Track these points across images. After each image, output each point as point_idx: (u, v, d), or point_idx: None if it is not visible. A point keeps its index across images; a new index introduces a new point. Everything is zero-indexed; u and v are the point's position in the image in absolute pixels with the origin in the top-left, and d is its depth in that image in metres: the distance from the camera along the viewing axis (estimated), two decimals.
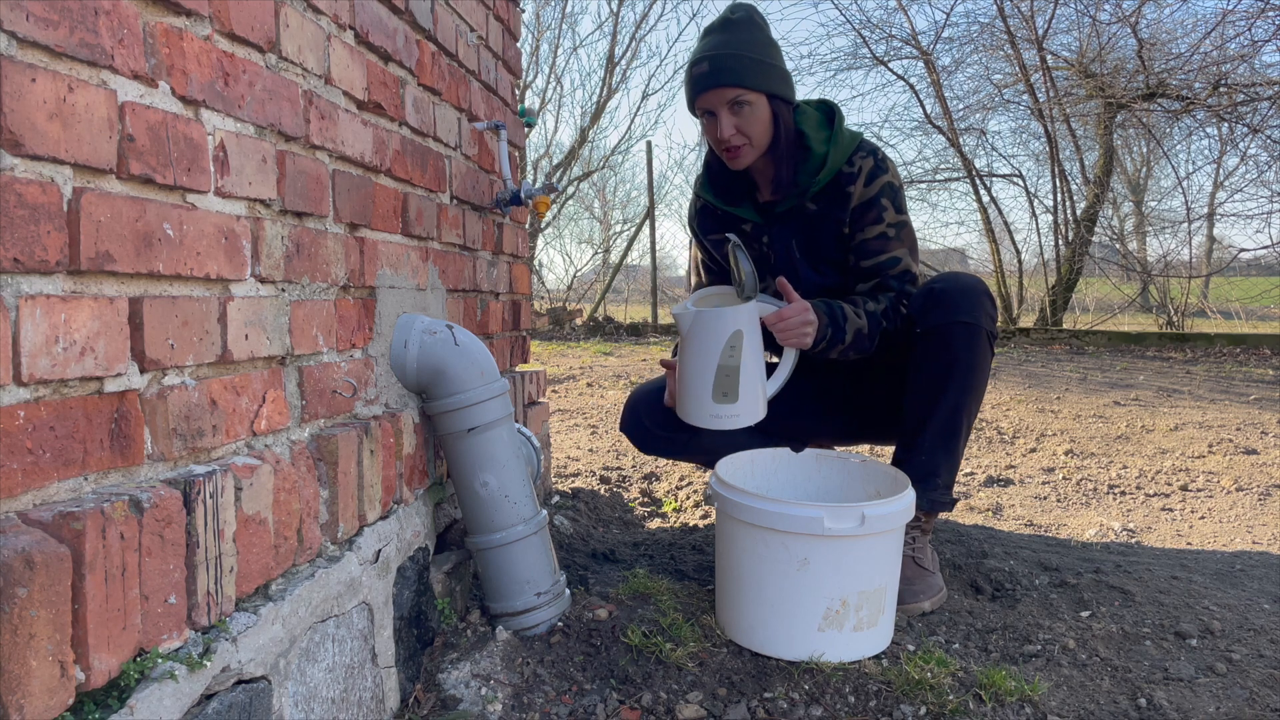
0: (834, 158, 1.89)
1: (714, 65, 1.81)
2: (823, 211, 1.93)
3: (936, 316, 1.79)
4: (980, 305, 1.79)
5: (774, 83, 1.84)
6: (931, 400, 1.80)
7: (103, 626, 0.77)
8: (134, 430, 0.86)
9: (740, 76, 1.80)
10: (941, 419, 1.79)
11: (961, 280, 1.84)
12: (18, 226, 0.72)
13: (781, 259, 1.99)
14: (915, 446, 1.82)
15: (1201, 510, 2.78)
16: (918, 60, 10.40)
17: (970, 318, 1.77)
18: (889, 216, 1.91)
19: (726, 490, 1.56)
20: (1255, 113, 8.51)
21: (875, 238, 1.91)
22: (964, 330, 1.77)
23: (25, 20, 0.73)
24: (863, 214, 1.91)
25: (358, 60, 1.34)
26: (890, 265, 1.92)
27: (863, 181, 1.89)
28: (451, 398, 1.49)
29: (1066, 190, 10.04)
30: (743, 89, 1.81)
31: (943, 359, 1.78)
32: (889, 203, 1.90)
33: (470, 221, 1.90)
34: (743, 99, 1.81)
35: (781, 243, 1.99)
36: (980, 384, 1.81)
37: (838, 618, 1.48)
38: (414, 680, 1.41)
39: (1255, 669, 1.51)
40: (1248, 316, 12.38)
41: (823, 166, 1.89)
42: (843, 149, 1.90)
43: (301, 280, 1.17)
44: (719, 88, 1.81)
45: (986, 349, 1.80)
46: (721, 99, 1.82)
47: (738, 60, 1.80)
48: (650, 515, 2.62)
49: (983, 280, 1.88)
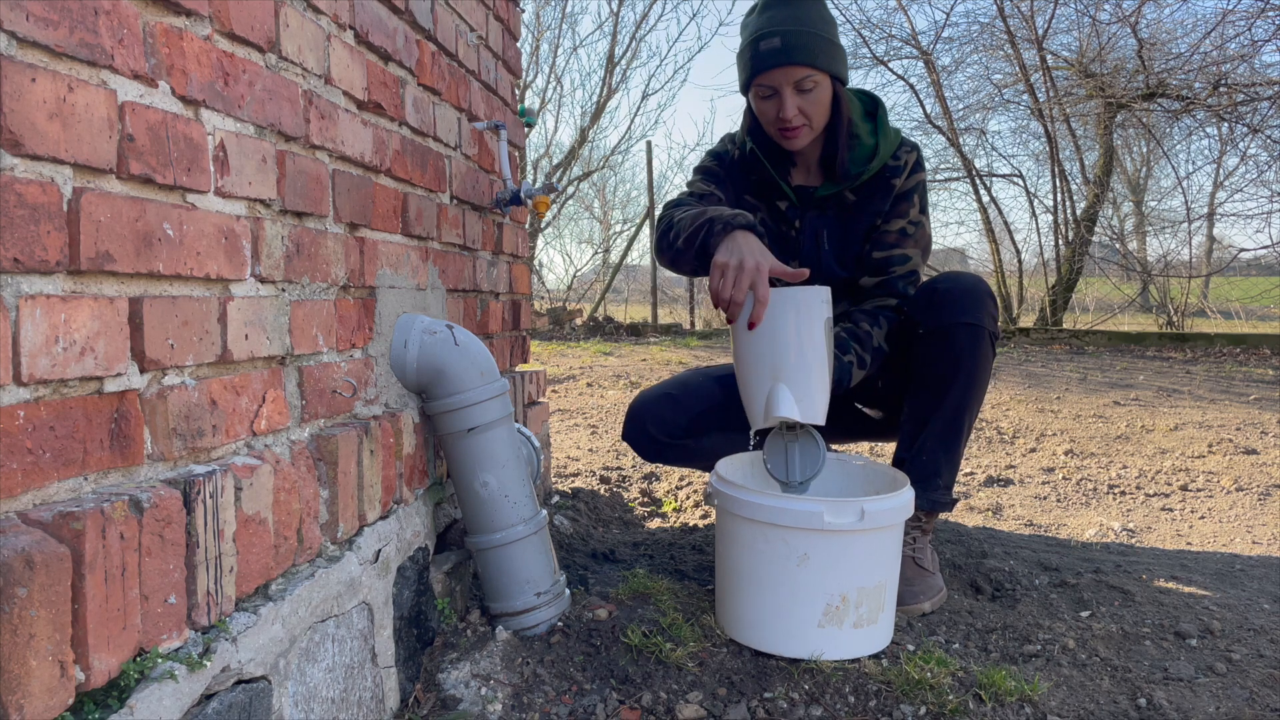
0: (884, 149, 1.87)
1: (786, 42, 1.73)
2: (861, 203, 1.90)
3: (940, 317, 1.78)
4: (983, 306, 1.79)
5: (838, 64, 1.80)
6: (934, 401, 1.79)
7: (103, 626, 0.77)
8: (134, 430, 0.86)
9: (814, 56, 1.74)
10: (943, 420, 1.79)
11: (964, 280, 1.83)
12: (18, 226, 0.72)
13: (809, 248, 1.95)
14: (916, 447, 1.81)
15: (1201, 510, 2.78)
16: (918, 60, 10.41)
17: (974, 319, 1.76)
18: (912, 213, 1.91)
19: (726, 487, 1.56)
20: (1255, 113, 8.51)
21: (895, 231, 1.90)
22: (968, 331, 1.76)
23: (25, 20, 0.73)
24: (895, 206, 1.90)
25: (358, 60, 1.34)
26: (899, 262, 1.90)
27: (906, 174, 1.89)
28: (451, 398, 1.49)
29: (1066, 190, 10.04)
30: (814, 69, 1.75)
31: (946, 360, 1.77)
32: (917, 199, 1.91)
33: (470, 221, 1.90)
34: (811, 79, 1.76)
35: (812, 230, 1.94)
36: (982, 385, 1.81)
37: (838, 614, 1.48)
38: (414, 680, 1.41)
39: (1255, 669, 1.51)
40: (1248, 316, 12.38)
41: (873, 156, 1.87)
42: (891, 141, 1.89)
43: (301, 280, 1.17)
44: (790, 65, 1.74)
45: (989, 350, 1.79)
46: (790, 77, 1.76)
47: (812, 39, 1.74)
48: (650, 515, 2.62)
49: (984, 280, 1.87)
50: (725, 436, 2.03)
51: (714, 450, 2.02)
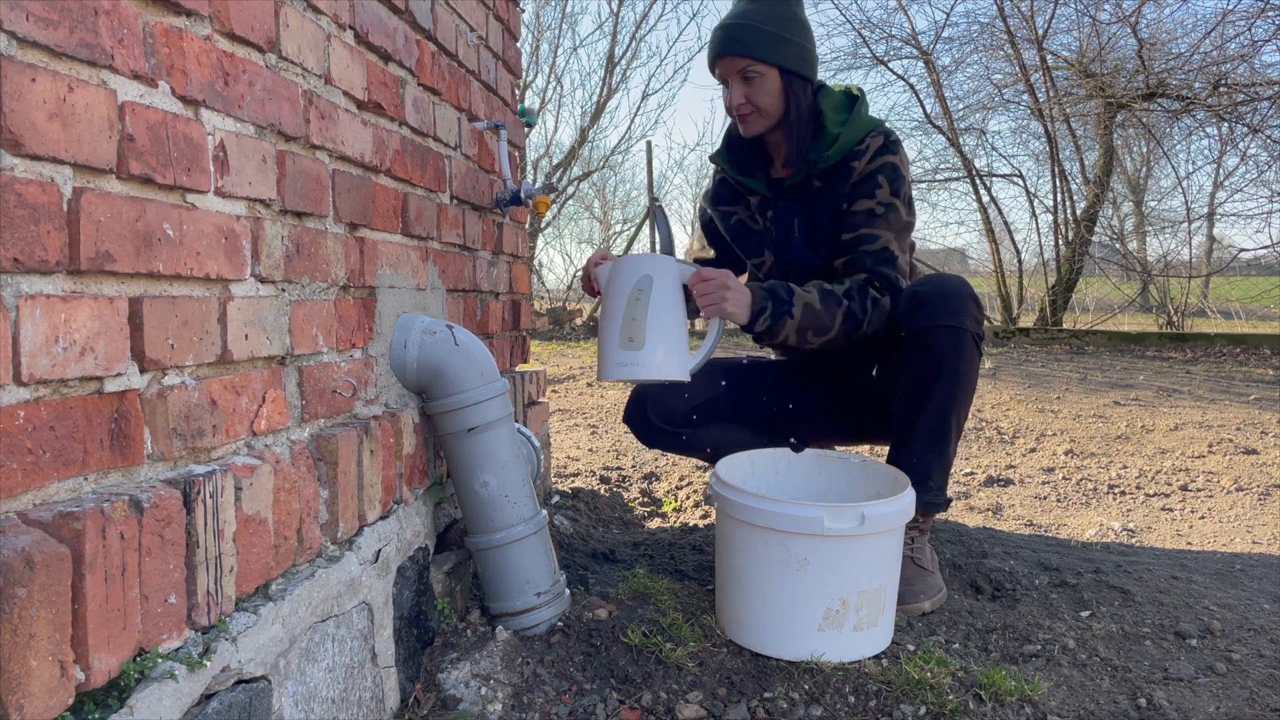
0: (845, 136, 1.89)
1: (727, 34, 1.87)
2: (826, 189, 1.93)
3: (920, 320, 1.78)
4: (964, 308, 1.78)
5: (787, 58, 1.86)
6: (919, 405, 1.79)
7: (103, 626, 0.77)
8: (134, 430, 0.86)
9: (749, 47, 1.85)
10: (930, 423, 1.79)
11: (945, 283, 1.82)
12: (18, 226, 0.72)
13: (781, 236, 2.00)
14: (906, 450, 1.82)
15: (1201, 510, 2.78)
16: (918, 60, 10.40)
17: (954, 321, 1.76)
18: (881, 195, 1.89)
19: (726, 490, 1.56)
20: (1255, 113, 8.51)
21: (863, 212, 1.89)
22: (948, 334, 1.76)
23: (25, 20, 0.73)
24: (858, 188, 1.90)
25: (358, 60, 1.34)
26: (868, 241, 1.88)
27: (867, 159, 1.89)
28: (451, 398, 1.49)
29: (1066, 190, 10.04)
30: (752, 60, 1.85)
31: (928, 363, 1.77)
32: (885, 181, 1.89)
33: (470, 221, 1.90)
34: (753, 70, 1.86)
35: (784, 220, 2.00)
36: (967, 387, 1.80)
37: (838, 618, 1.48)
38: (414, 680, 1.41)
39: (1255, 669, 1.51)
40: (1248, 316, 12.38)
41: (834, 144, 1.90)
42: (856, 129, 1.90)
43: (301, 280, 1.17)
44: (729, 56, 1.87)
45: (972, 352, 1.78)
46: (733, 67, 1.88)
47: (750, 32, 1.85)
48: (650, 515, 2.62)
49: (967, 282, 1.85)
50: (726, 429, 2.06)
51: (714, 442, 2.04)
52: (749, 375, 2.13)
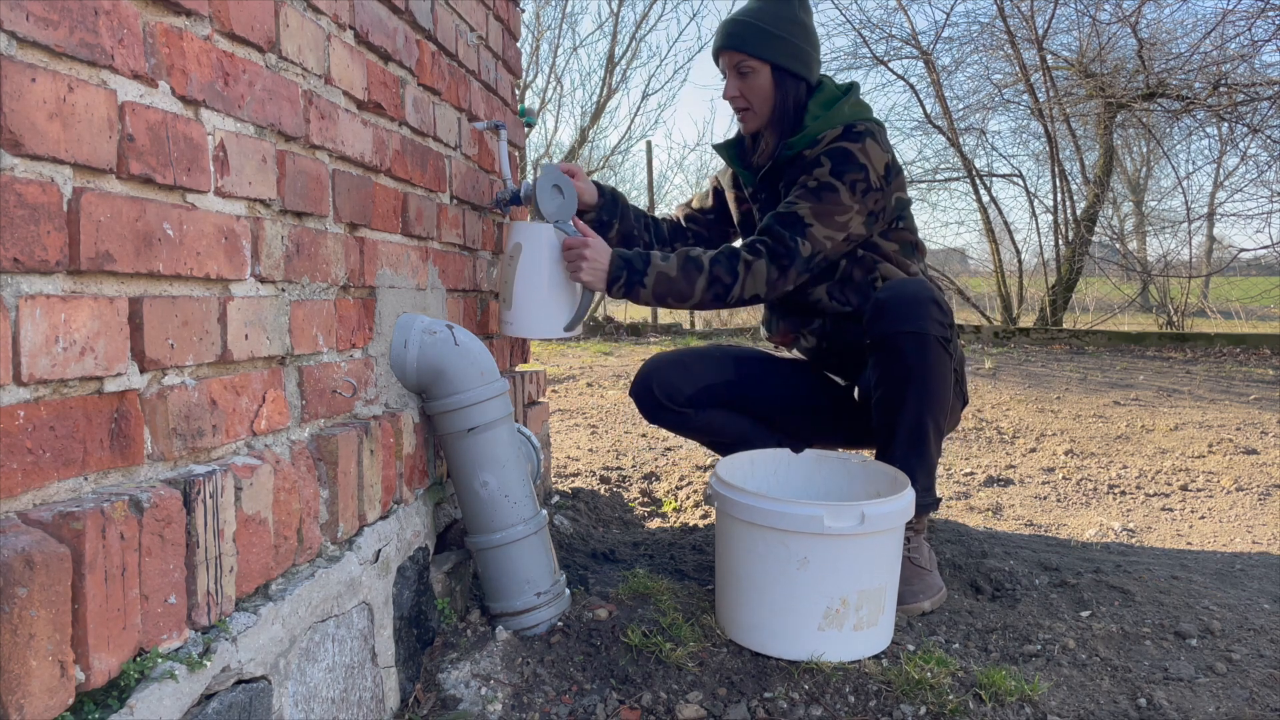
0: (814, 128, 1.94)
1: (726, 29, 1.97)
2: (789, 177, 1.99)
3: (882, 327, 1.80)
4: (925, 313, 1.77)
5: (781, 56, 1.94)
6: (894, 411, 1.81)
7: (103, 626, 0.77)
8: (134, 430, 0.86)
9: (744, 43, 1.94)
10: (907, 428, 1.80)
11: (906, 289, 1.82)
12: (18, 226, 0.72)
13: (759, 219, 2.08)
14: (889, 455, 1.83)
15: (1201, 510, 2.78)
16: (918, 60, 10.39)
17: (915, 326, 1.77)
18: (819, 173, 1.88)
19: (726, 489, 1.56)
20: (1255, 113, 8.51)
21: (795, 186, 1.92)
22: (912, 340, 1.77)
23: (25, 20, 0.73)
24: (804, 169, 1.92)
25: (358, 60, 1.34)
26: (783, 209, 1.89)
27: (822, 146, 1.92)
28: (451, 398, 1.49)
29: (1066, 190, 10.03)
30: (745, 56, 1.95)
31: (896, 370, 1.79)
32: (828, 161, 1.89)
33: (470, 221, 1.90)
34: (746, 65, 1.95)
35: (763, 205, 2.09)
36: (940, 389, 1.80)
37: (838, 617, 1.48)
38: (414, 680, 1.41)
39: (1255, 669, 1.51)
40: (1248, 316, 12.37)
41: (802, 135, 1.96)
42: (828, 123, 1.94)
43: (301, 280, 1.17)
44: (726, 50, 1.97)
45: (940, 354, 1.78)
46: (729, 61, 1.98)
47: (748, 29, 1.94)
48: (650, 515, 2.62)
49: (929, 284, 1.85)
50: (728, 416, 2.11)
51: (714, 426, 2.10)
52: (759, 367, 2.16)
